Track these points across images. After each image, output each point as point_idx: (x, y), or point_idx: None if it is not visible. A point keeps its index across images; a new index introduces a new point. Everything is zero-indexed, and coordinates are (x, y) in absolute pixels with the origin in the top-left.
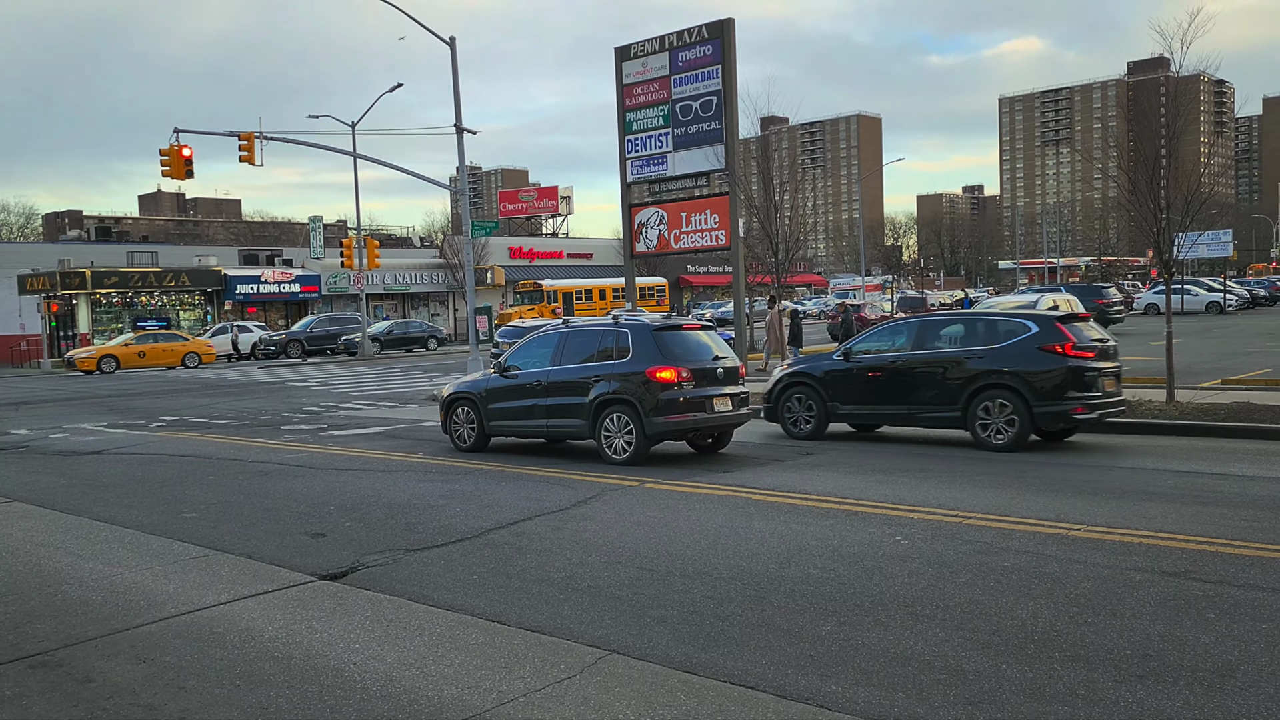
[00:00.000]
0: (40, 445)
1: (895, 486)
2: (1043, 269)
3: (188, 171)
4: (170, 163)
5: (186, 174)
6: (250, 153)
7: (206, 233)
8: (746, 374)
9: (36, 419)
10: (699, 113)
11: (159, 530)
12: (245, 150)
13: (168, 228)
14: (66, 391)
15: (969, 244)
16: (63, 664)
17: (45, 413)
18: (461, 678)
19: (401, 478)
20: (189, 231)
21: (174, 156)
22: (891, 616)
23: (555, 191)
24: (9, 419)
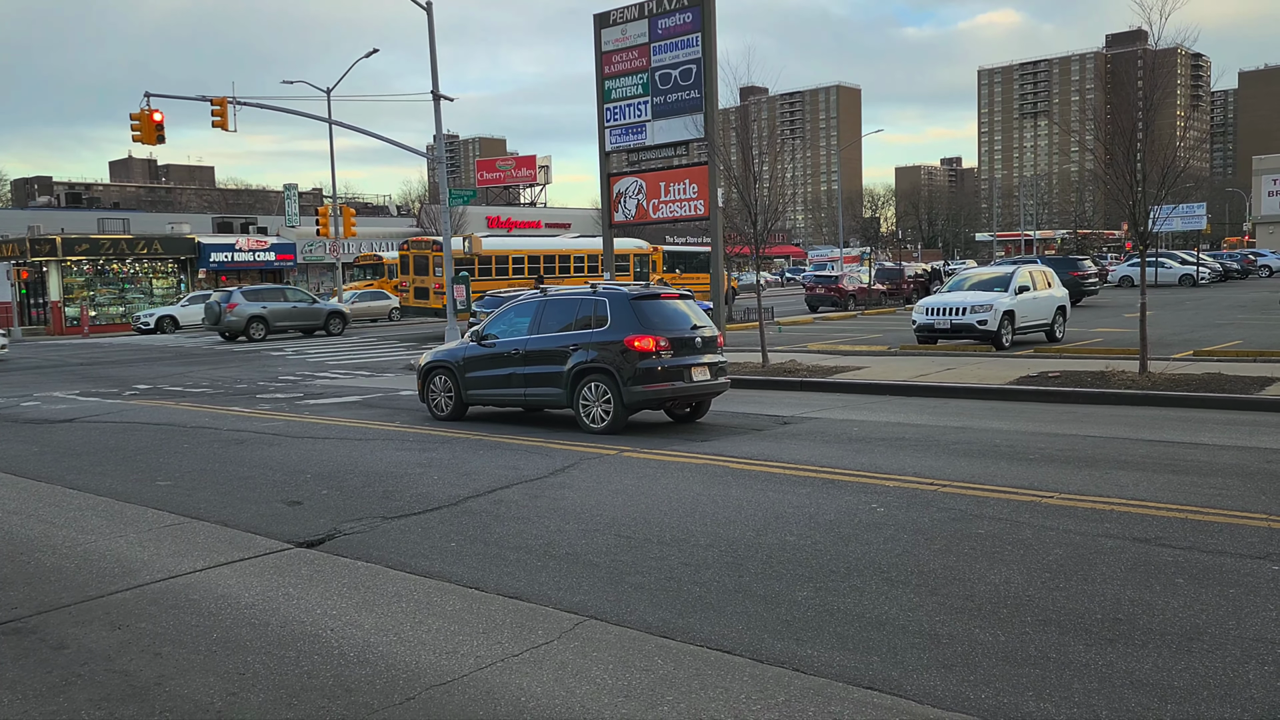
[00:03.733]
0: (11, 413)
1: (872, 455)
2: (1019, 241)
3: (159, 136)
4: (141, 127)
5: (158, 139)
6: (223, 118)
7: (179, 200)
8: (725, 343)
9: (6, 387)
10: (678, 81)
11: (133, 498)
12: (218, 115)
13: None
14: (38, 359)
15: (947, 216)
16: (36, 631)
17: (16, 380)
18: (439, 643)
19: (378, 446)
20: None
21: (145, 121)
22: (867, 582)
23: (533, 161)
24: None
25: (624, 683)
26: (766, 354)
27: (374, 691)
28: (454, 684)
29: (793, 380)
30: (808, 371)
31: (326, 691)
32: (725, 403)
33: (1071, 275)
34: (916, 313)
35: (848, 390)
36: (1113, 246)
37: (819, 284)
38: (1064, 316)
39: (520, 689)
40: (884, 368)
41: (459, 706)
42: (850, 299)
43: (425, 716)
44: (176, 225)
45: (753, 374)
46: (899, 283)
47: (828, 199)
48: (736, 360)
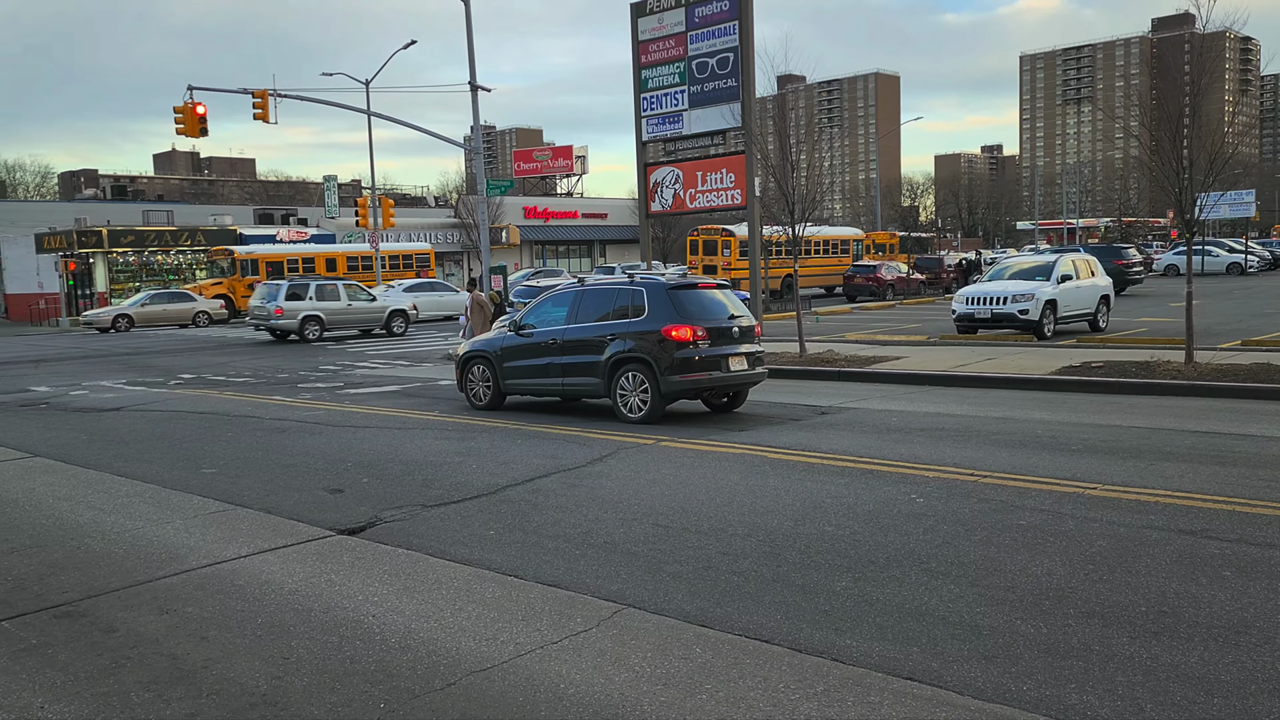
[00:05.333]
0: (60, 402)
1: (911, 445)
2: (1061, 230)
3: (202, 129)
4: (185, 120)
5: (201, 131)
6: (264, 110)
7: (221, 192)
8: (762, 333)
9: (56, 376)
10: (715, 70)
11: (179, 485)
12: (259, 108)
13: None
14: (85, 349)
15: (987, 204)
16: (87, 614)
17: (65, 370)
18: (479, 630)
19: (418, 435)
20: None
21: (188, 114)
22: (906, 573)
23: (570, 151)
24: (29, 376)
25: (662, 670)
26: (804, 344)
27: (415, 677)
28: (494, 670)
29: (830, 370)
30: (845, 361)
31: (369, 676)
32: (762, 392)
33: (1115, 264)
34: (956, 302)
35: (886, 380)
36: (1158, 234)
37: (857, 273)
38: (1108, 306)
39: (559, 676)
40: (923, 358)
41: (499, 693)
42: (889, 288)
43: (466, 702)
44: (219, 217)
45: (790, 364)
46: (938, 272)
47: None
48: (773, 350)
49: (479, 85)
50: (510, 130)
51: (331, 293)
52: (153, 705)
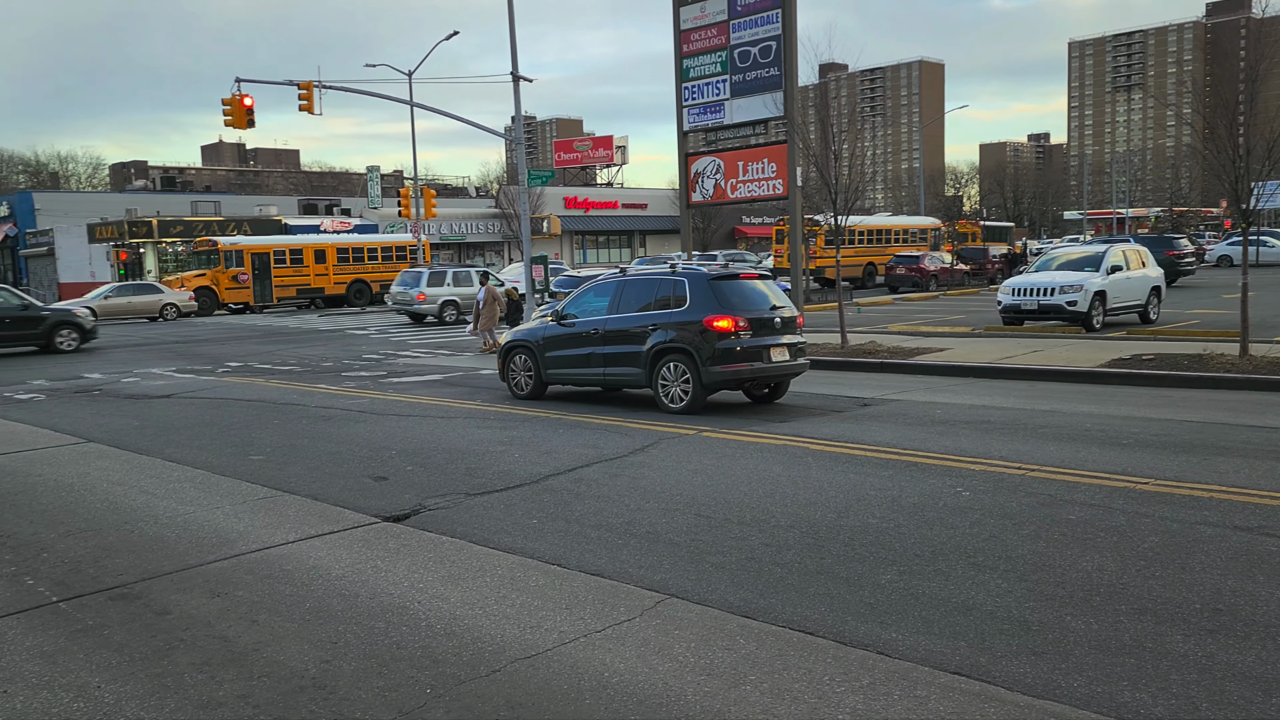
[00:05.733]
0: (113, 389)
1: (956, 438)
2: (1110, 219)
3: (249, 120)
4: (232, 111)
5: (248, 123)
6: (309, 102)
7: (266, 182)
8: (803, 324)
9: (108, 364)
10: (758, 59)
11: (228, 471)
12: (304, 99)
13: (229, 177)
14: (136, 337)
15: (1033, 194)
16: (140, 596)
17: (116, 357)
18: (523, 617)
19: (461, 424)
20: (249, 181)
21: (235, 106)
22: (952, 567)
23: (610, 141)
24: (82, 363)
25: (706, 661)
26: (846, 335)
27: (461, 663)
28: (538, 658)
29: (873, 361)
30: (888, 353)
31: (415, 662)
32: (804, 384)
33: (1167, 254)
34: (1002, 293)
35: (930, 372)
36: (1210, 224)
37: (899, 264)
38: (1159, 297)
39: (603, 665)
40: (967, 349)
41: (543, 680)
42: (932, 279)
43: (511, 689)
44: (264, 207)
45: (831, 355)
46: (983, 263)
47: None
48: (815, 341)
49: (520, 75)
50: (550, 120)
51: (465, 279)
52: (206, 686)
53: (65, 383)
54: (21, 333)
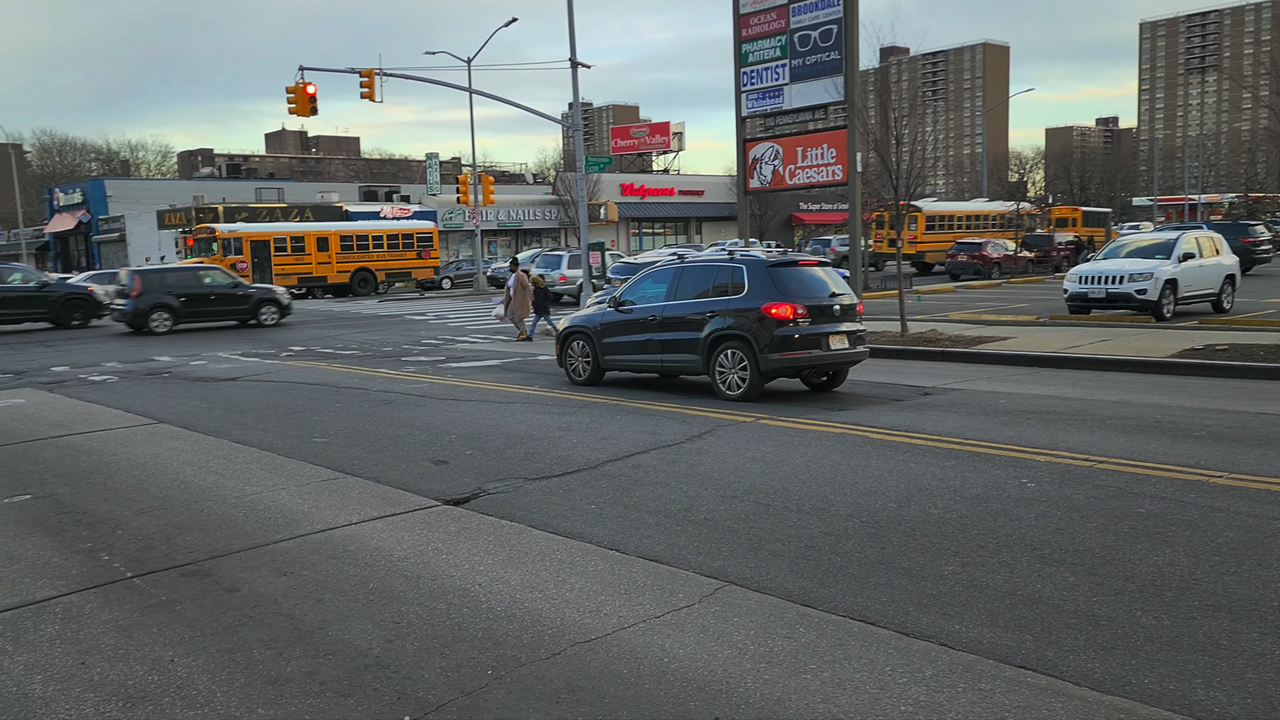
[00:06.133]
0: (181, 371)
1: (1020, 428)
2: (1182, 206)
3: (312, 108)
4: (296, 99)
5: (311, 110)
6: (371, 89)
7: (328, 169)
8: (864, 311)
9: (177, 347)
10: (818, 43)
11: (292, 453)
12: (366, 86)
13: (292, 165)
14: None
15: (1101, 179)
16: (210, 574)
17: (184, 341)
18: (582, 602)
19: (519, 409)
20: (311, 168)
21: (299, 94)
22: (1017, 559)
23: (667, 128)
24: (153, 346)
25: (766, 649)
26: (905, 323)
27: (521, 645)
28: (597, 642)
29: (933, 350)
30: (949, 341)
31: (476, 644)
32: (863, 372)
33: (1242, 242)
34: (1069, 281)
35: (993, 361)
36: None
37: (961, 251)
38: (1233, 286)
39: (663, 650)
40: (1032, 338)
41: (603, 664)
42: (995, 267)
43: (571, 672)
44: (326, 194)
45: (891, 343)
46: (1048, 250)
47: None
48: (874, 329)
49: (579, 62)
50: (607, 107)
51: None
52: (274, 663)
53: (137, 365)
54: (232, 308)
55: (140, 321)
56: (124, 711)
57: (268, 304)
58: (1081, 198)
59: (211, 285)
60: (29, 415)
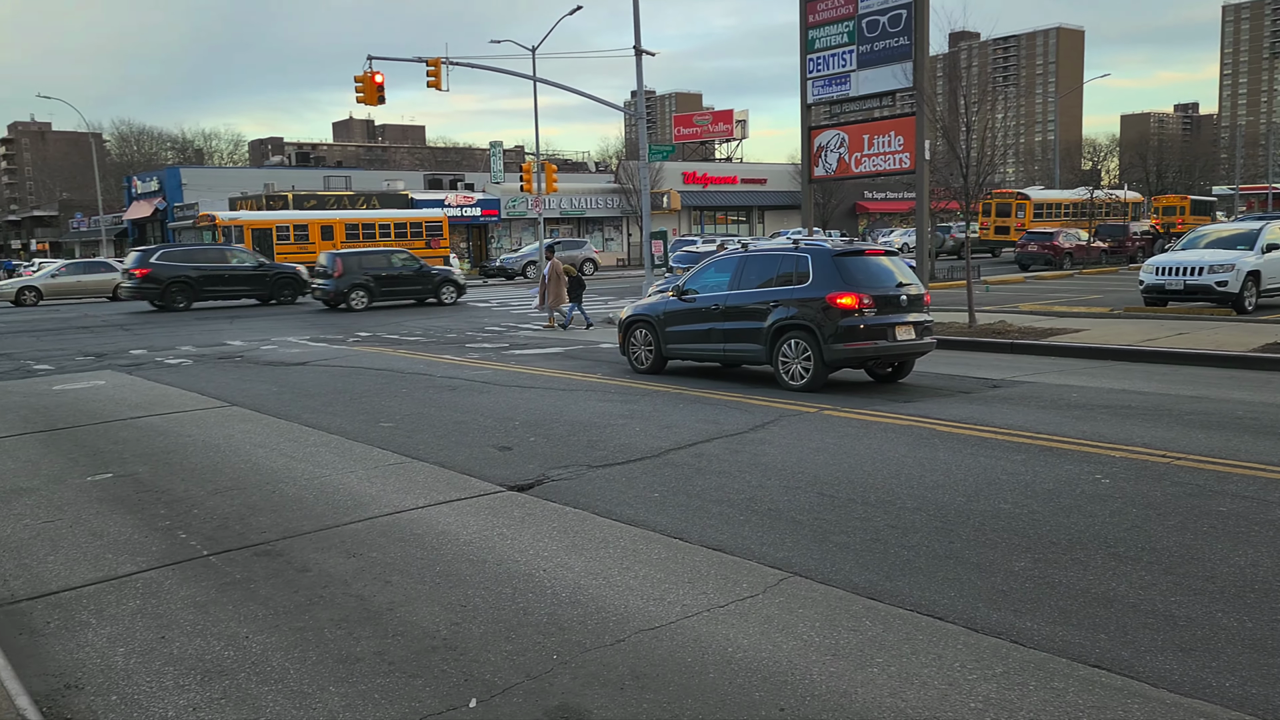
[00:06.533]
0: (253, 356)
1: (1094, 423)
2: (1265, 195)
3: (380, 97)
4: (364, 88)
5: (379, 99)
6: (437, 78)
7: (393, 158)
8: (930, 301)
9: (248, 331)
10: (886, 28)
11: (360, 437)
12: (433, 75)
13: (358, 153)
14: (273, 307)
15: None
16: (282, 554)
17: (255, 326)
18: (646, 589)
19: (582, 396)
20: (377, 157)
21: (367, 83)
22: (1091, 556)
23: (730, 115)
24: (225, 331)
25: (831, 641)
26: (974, 313)
27: (585, 631)
28: (661, 630)
29: (1002, 342)
30: (1019, 333)
31: (541, 628)
32: (929, 364)
33: None
34: (1145, 272)
35: (1064, 354)
36: None
37: (1031, 241)
38: None
39: (727, 640)
40: (1105, 331)
41: (667, 652)
42: (1066, 257)
43: (635, 659)
44: (392, 183)
45: (958, 334)
46: (1122, 240)
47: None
48: (940, 320)
49: (643, 50)
50: (670, 95)
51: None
52: (344, 642)
53: (210, 349)
54: (417, 288)
55: (340, 300)
56: (202, 685)
57: (448, 284)
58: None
59: (400, 266)
60: (109, 397)
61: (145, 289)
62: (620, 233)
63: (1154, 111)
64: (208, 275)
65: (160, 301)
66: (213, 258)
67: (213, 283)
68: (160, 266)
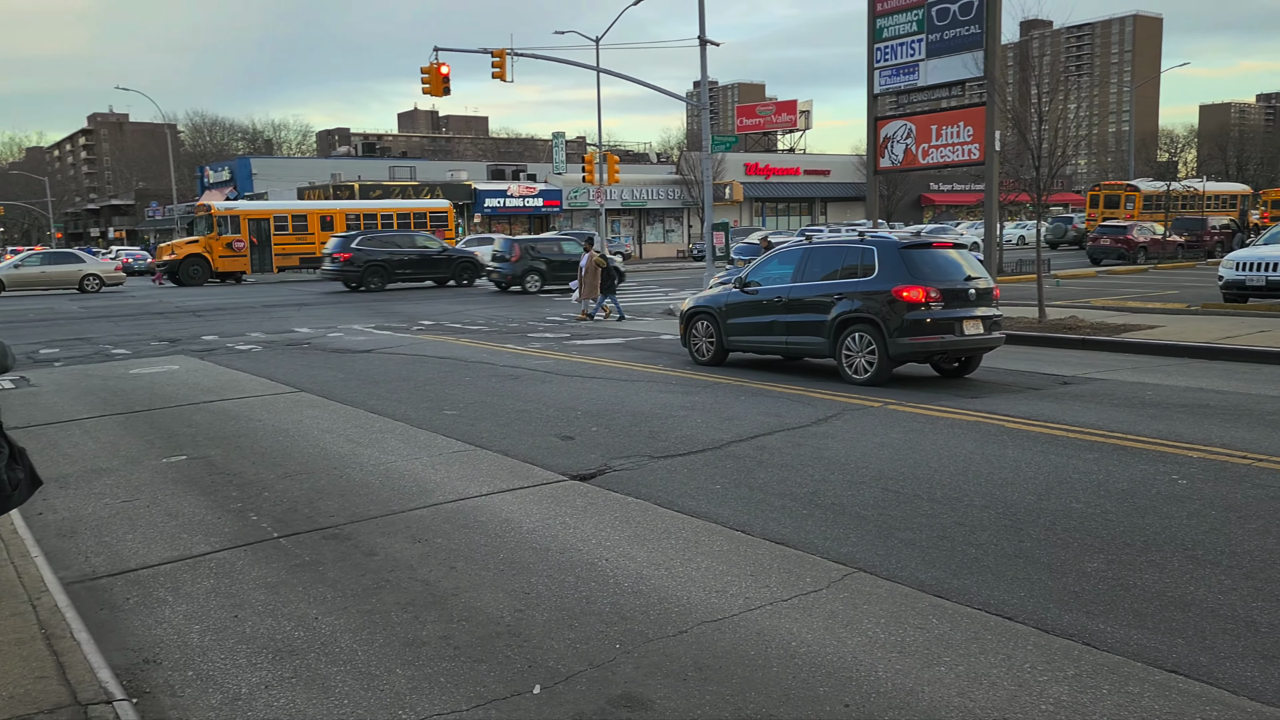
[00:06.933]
0: (320, 343)
1: (1170, 422)
2: None
3: (445, 88)
4: (430, 79)
5: (444, 90)
6: (502, 69)
7: (457, 148)
8: (1000, 296)
9: (315, 319)
10: (957, 16)
11: (424, 424)
12: (498, 66)
13: (423, 144)
14: (339, 296)
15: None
16: (350, 538)
17: (321, 314)
18: (708, 581)
19: (643, 387)
20: (441, 148)
21: (433, 74)
22: (1167, 559)
23: (794, 106)
24: (293, 318)
25: (897, 638)
26: (1044, 308)
27: (648, 621)
28: (724, 622)
29: (1073, 338)
30: (1090, 329)
31: (604, 617)
32: (997, 359)
33: None
34: (1224, 267)
35: (1138, 350)
36: None
37: (1103, 234)
38: None
39: (790, 634)
40: (1182, 327)
41: (730, 645)
42: (1140, 251)
43: (698, 650)
44: (455, 173)
45: (1027, 329)
46: (1200, 234)
47: (1116, 141)
48: (1008, 314)
49: (707, 40)
50: (732, 85)
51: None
52: (410, 626)
53: (279, 336)
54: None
55: (516, 283)
56: (273, 664)
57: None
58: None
59: (568, 254)
60: (183, 381)
61: (346, 271)
62: (681, 224)
63: (1235, 101)
64: (398, 260)
65: (357, 283)
66: (402, 243)
67: (402, 267)
68: (359, 251)
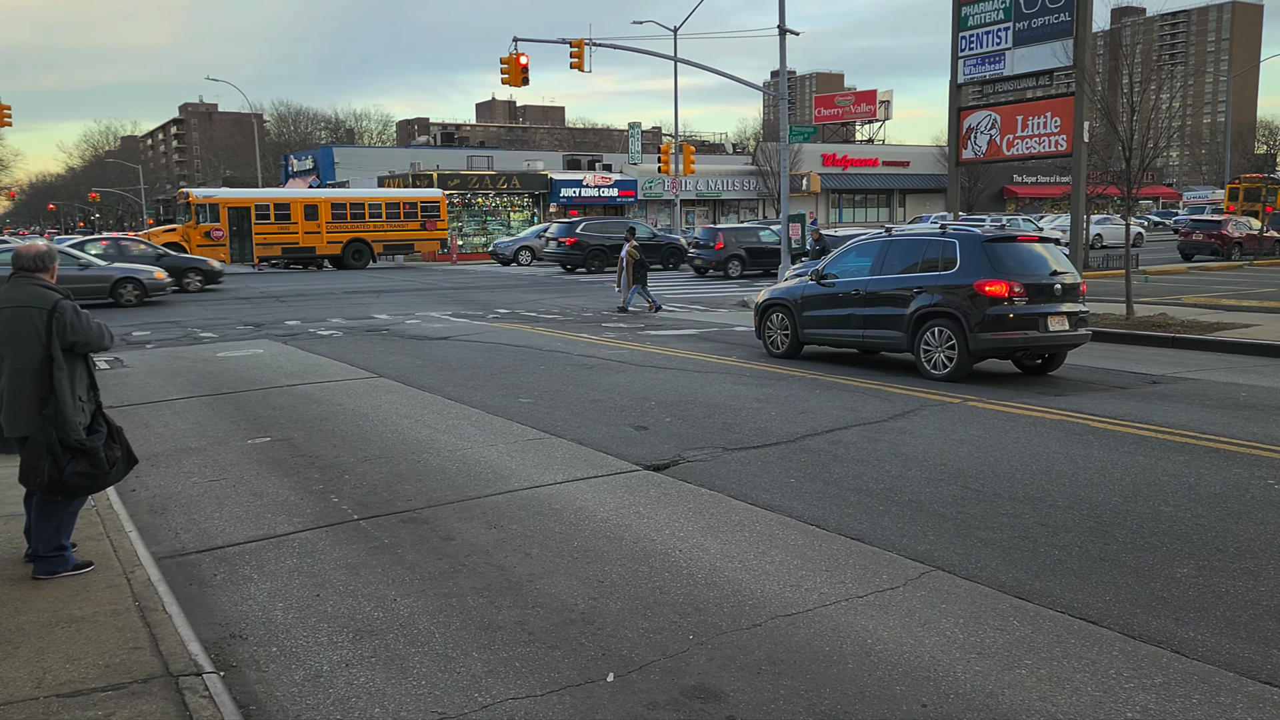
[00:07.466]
0: (398, 330)
1: (1266, 424)
2: None
3: (524, 78)
4: (509, 70)
5: (523, 80)
6: (580, 59)
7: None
8: (1087, 291)
9: (393, 306)
10: (1046, 4)
11: (500, 412)
12: (576, 56)
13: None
14: (417, 283)
15: None
16: (427, 522)
17: (399, 301)
18: (783, 575)
19: (717, 379)
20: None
21: (512, 64)
22: (1263, 566)
23: (874, 96)
24: (372, 305)
25: (976, 639)
26: (1131, 305)
27: (722, 614)
28: (798, 617)
29: (1162, 335)
30: (1181, 326)
31: (677, 608)
32: (1082, 356)
33: None
34: None
35: (1232, 350)
36: None
37: (1196, 229)
38: None
39: (865, 631)
40: (1279, 326)
41: (805, 640)
42: (1235, 247)
43: (772, 645)
44: (532, 163)
45: (1114, 326)
46: None
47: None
48: (1095, 311)
49: (787, 29)
50: (810, 75)
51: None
52: (486, 610)
53: (359, 322)
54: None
55: (719, 269)
56: (354, 643)
57: (798, 257)
58: None
59: (765, 242)
60: (267, 365)
61: (571, 254)
62: (756, 215)
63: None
64: (611, 245)
65: (580, 266)
66: (614, 230)
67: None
68: (585, 236)
